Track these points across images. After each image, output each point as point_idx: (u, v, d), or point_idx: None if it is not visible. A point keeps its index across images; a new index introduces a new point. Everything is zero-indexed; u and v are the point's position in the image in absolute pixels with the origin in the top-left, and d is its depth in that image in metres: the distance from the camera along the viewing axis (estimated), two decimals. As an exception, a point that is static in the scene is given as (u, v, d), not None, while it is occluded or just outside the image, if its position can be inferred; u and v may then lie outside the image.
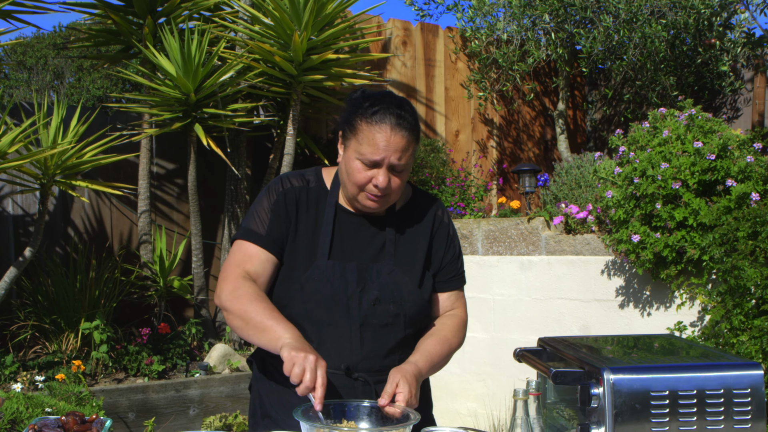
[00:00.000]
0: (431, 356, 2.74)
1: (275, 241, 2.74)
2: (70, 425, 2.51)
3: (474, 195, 8.35)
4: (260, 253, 2.73)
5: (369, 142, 2.60)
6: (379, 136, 2.60)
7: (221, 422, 6.09)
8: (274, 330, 2.55)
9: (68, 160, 6.51)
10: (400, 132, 2.61)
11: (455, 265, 2.92)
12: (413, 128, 2.66)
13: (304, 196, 2.80)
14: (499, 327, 6.73)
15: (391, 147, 2.60)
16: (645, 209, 5.57)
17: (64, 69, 10.02)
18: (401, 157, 2.62)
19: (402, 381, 2.53)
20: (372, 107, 2.64)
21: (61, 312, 6.73)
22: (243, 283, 2.68)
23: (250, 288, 2.67)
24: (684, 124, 5.79)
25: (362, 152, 2.61)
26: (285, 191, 2.79)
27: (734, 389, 2.18)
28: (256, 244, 2.74)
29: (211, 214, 8.02)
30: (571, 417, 2.38)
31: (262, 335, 2.58)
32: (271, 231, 2.74)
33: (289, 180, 2.83)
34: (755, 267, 4.92)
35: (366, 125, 2.62)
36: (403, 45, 8.93)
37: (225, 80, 7.03)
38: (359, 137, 2.63)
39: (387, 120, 2.61)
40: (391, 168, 2.63)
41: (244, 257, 2.74)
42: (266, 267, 2.73)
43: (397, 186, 2.67)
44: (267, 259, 2.73)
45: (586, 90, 9.99)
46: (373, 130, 2.61)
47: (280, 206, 2.76)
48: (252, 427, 2.92)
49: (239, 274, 2.71)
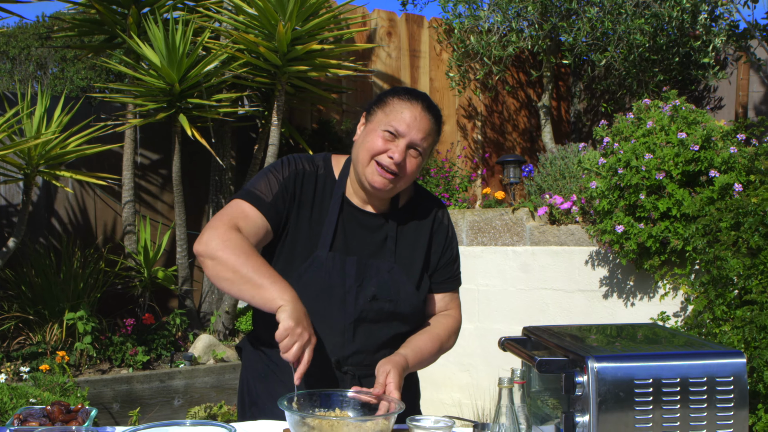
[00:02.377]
0: (421, 352, 2.74)
1: (277, 211, 2.68)
2: (56, 415, 2.50)
3: (458, 186, 8.36)
4: (257, 217, 2.65)
5: (397, 114, 2.65)
6: (407, 111, 2.65)
7: (206, 413, 6.09)
8: (270, 289, 2.46)
9: (52, 151, 6.48)
10: (428, 115, 2.68)
11: (451, 268, 2.92)
12: (438, 119, 2.73)
13: (312, 182, 2.77)
14: (484, 317, 6.75)
15: (418, 124, 2.64)
16: (629, 200, 5.60)
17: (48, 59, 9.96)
18: (424, 139, 2.66)
19: (393, 371, 2.54)
20: (405, 92, 2.72)
21: (45, 303, 6.70)
22: (235, 235, 2.56)
23: (243, 241, 2.56)
24: (668, 115, 5.82)
25: (388, 121, 2.65)
26: (297, 171, 2.75)
27: (717, 377, 2.19)
28: (256, 207, 2.66)
29: (195, 204, 8.00)
30: (556, 406, 2.39)
31: (256, 292, 2.48)
32: (275, 201, 2.68)
33: (302, 162, 2.79)
34: (738, 257, 4.95)
35: (398, 100, 2.68)
36: (388, 36, 8.93)
37: (209, 70, 7.01)
38: (387, 110, 2.68)
39: (418, 100, 2.68)
40: (411, 146, 2.65)
41: (239, 214, 2.65)
42: (258, 232, 2.65)
43: (410, 170, 2.68)
44: (263, 225, 2.65)
45: (571, 81, 10.01)
46: (403, 106, 2.66)
47: (291, 183, 2.72)
48: (240, 414, 2.93)
49: (231, 226, 2.59)
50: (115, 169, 7.45)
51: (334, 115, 8.62)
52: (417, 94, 2.72)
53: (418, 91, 2.75)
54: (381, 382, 2.52)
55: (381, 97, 2.74)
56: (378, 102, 2.73)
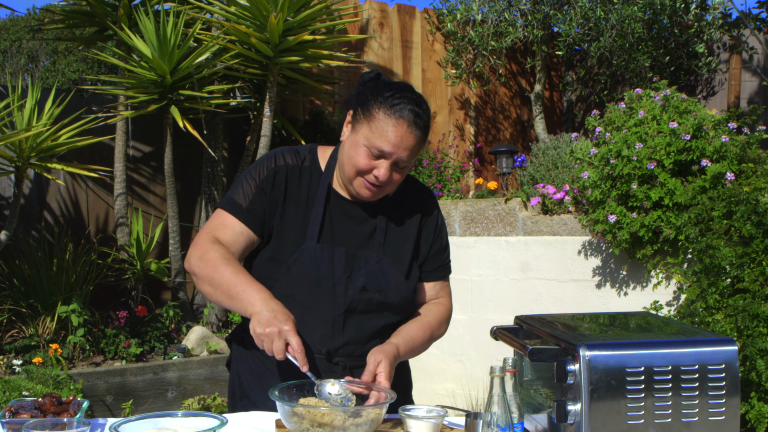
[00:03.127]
0: (412, 341, 2.74)
1: (255, 216, 2.70)
2: (47, 407, 2.50)
3: (451, 176, 8.36)
4: (235, 225, 2.70)
5: (382, 133, 2.57)
6: (393, 130, 2.56)
7: (200, 404, 6.09)
8: (242, 297, 2.53)
9: (43, 143, 6.46)
10: (414, 131, 2.59)
11: (441, 256, 2.91)
12: (426, 128, 2.64)
13: (296, 175, 2.76)
14: (477, 307, 6.75)
15: (403, 144, 2.57)
16: (621, 189, 5.60)
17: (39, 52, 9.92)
18: (410, 156, 2.61)
19: (384, 360, 2.54)
20: (393, 98, 2.59)
21: (37, 295, 6.69)
22: (211, 247, 2.64)
23: (218, 251, 2.63)
24: (659, 104, 5.81)
25: (372, 141, 2.57)
26: (277, 169, 2.74)
27: (709, 365, 2.19)
28: (234, 216, 2.70)
29: (187, 196, 7.99)
30: (548, 395, 2.40)
31: (232, 302, 2.57)
32: (253, 205, 2.70)
33: (283, 156, 2.78)
34: (730, 246, 4.95)
35: (383, 116, 2.58)
36: (380, 27, 8.91)
37: (201, 62, 6.99)
38: (372, 126, 2.59)
39: (405, 116, 2.57)
40: (396, 164, 2.61)
41: (218, 225, 2.72)
42: (238, 239, 2.69)
43: (397, 180, 2.66)
44: (241, 232, 2.69)
45: (563, 71, 10.00)
46: (389, 123, 2.57)
47: (268, 184, 2.72)
48: (231, 407, 2.92)
49: (209, 240, 2.67)
50: (107, 162, 7.43)
51: (327, 107, 8.62)
52: (404, 102, 2.60)
53: (406, 95, 2.63)
54: (371, 371, 2.52)
55: (365, 101, 2.64)
56: (363, 107, 2.64)
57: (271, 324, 2.43)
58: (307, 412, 2.33)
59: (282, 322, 2.44)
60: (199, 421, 2.36)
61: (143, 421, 2.33)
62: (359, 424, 2.34)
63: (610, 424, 2.16)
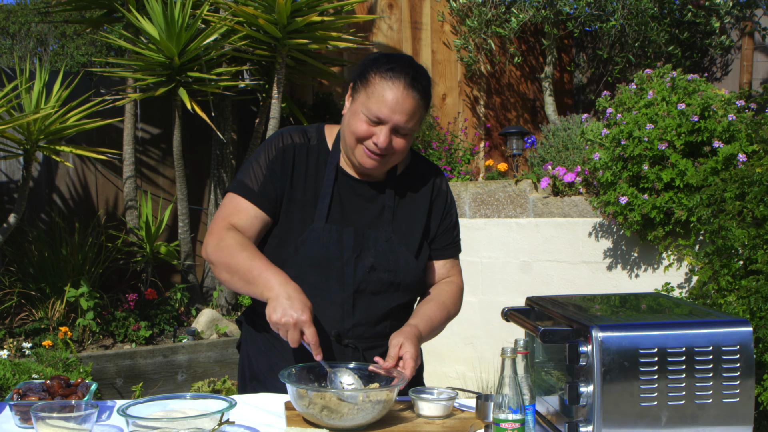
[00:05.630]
0: (431, 321, 2.73)
1: (268, 198, 2.69)
2: (55, 389, 2.49)
3: (461, 158, 8.32)
4: (249, 209, 2.68)
5: (378, 97, 2.55)
6: (389, 92, 2.54)
7: (210, 387, 6.09)
8: (258, 283, 2.52)
9: (51, 125, 6.44)
10: (411, 93, 2.56)
11: (451, 234, 2.89)
12: (425, 93, 2.61)
13: (304, 154, 2.74)
14: (487, 290, 6.73)
15: (400, 107, 2.55)
16: (632, 171, 5.56)
17: (48, 36, 9.92)
18: (408, 120, 2.57)
19: (406, 342, 2.54)
20: (388, 64, 2.58)
21: (46, 279, 6.70)
22: (227, 234, 2.64)
23: (234, 238, 2.63)
24: (668, 85, 5.77)
25: (369, 106, 2.56)
26: (284, 147, 2.72)
27: (723, 346, 2.16)
28: (247, 199, 2.69)
29: (196, 179, 7.98)
30: (560, 377, 2.37)
31: (249, 287, 2.56)
32: (264, 188, 2.69)
33: (291, 135, 2.76)
34: (742, 227, 4.91)
35: (379, 79, 2.56)
36: (389, 7, 8.86)
37: (209, 43, 6.95)
38: (369, 90, 2.57)
39: (401, 78, 2.55)
40: (395, 130, 2.58)
41: (232, 211, 2.70)
42: (254, 223, 2.68)
43: (400, 148, 2.62)
44: (256, 215, 2.68)
45: (573, 52, 9.94)
46: (384, 86, 2.55)
47: (277, 163, 2.70)
48: (240, 389, 2.92)
49: (224, 227, 2.67)
50: (115, 144, 7.42)
51: (336, 88, 8.57)
52: (401, 67, 2.59)
53: (403, 62, 2.62)
54: (393, 356, 2.51)
55: (363, 70, 2.63)
56: (361, 77, 2.63)
57: (287, 314, 2.42)
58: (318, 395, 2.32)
59: (299, 311, 2.43)
60: (208, 403, 2.34)
61: (152, 404, 2.32)
62: (368, 407, 2.33)
63: (623, 406, 2.13)
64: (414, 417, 2.48)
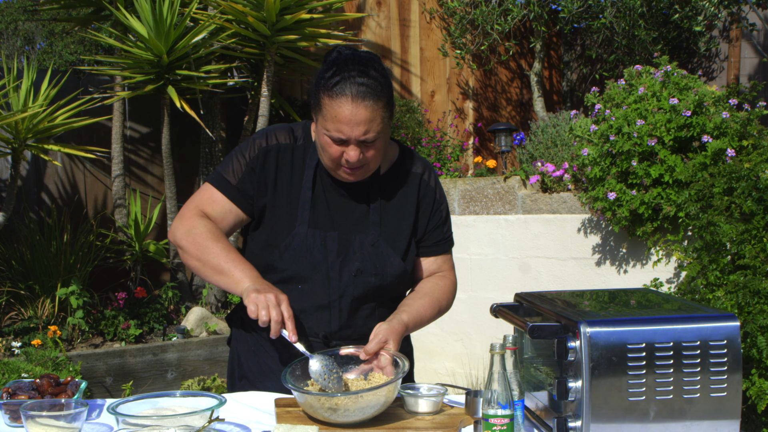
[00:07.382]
0: (420, 317, 2.71)
1: (244, 194, 2.67)
2: (45, 388, 2.49)
3: (450, 155, 8.33)
4: (224, 202, 2.67)
5: (332, 118, 2.48)
6: (340, 111, 2.47)
7: (200, 386, 6.08)
8: (232, 274, 2.53)
9: (40, 124, 6.43)
10: (362, 103, 2.46)
11: (442, 230, 2.85)
12: (378, 94, 2.50)
13: (288, 155, 2.70)
14: (477, 286, 6.74)
15: (355, 121, 2.46)
16: (621, 166, 5.58)
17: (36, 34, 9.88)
18: (368, 131, 2.49)
19: (392, 342, 2.54)
20: (333, 77, 2.50)
21: (36, 277, 6.68)
22: (199, 222, 2.63)
23: (206, 226, 2.62)
24: (660, 81, 5.78)
25: (328, 128, 2.50)
26: (268, 148, 2.69)
27: (710, 341, 2.18)
28: (222, 192, 2.68)
29: (185, 177, 7.96)
30: (548, 373, 2.38)
31: (220, 278, 2.56)
32: (242, 184, 2.67)
33: (276, 135, 2.73)
34: (731, 223, 4.93)
35: (328, 100, 2.50)
36: (378, 5, 8.86)
37: (198, 41, 6.94)
38: (323, 113, 2.52)
39: (347, 91, 2.46)
40: (361, 142, 2.51)
41: (207, 200, 2.69)
42: (227, 216, 2.68)
43: (373, 156, 2.57)
44: (230, 209, 2.67)
45: (562, 50, 9.95)
46: (334, 105, 2.48)
47: (258, 163, 2.68)
48: (230, 387, 2.91)
49: (196, 213, 2.66)
50: (104, 143, 7.40)
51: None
52: (345, 76, 2.49)
53: (347, 67, 2.52)
54: (370, 351, 2.51)
55: (315, 91, 2.56)
56: (314, 97, 2.57)
57: (264, 291, 2.44)
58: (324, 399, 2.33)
59: (275, 291, 2.45)
60: (198, 400, 2.35)
61: (142, 401, 2.32)
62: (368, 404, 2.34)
63: (612, 401, 2.14)
64: (404, 413, 2.49)
